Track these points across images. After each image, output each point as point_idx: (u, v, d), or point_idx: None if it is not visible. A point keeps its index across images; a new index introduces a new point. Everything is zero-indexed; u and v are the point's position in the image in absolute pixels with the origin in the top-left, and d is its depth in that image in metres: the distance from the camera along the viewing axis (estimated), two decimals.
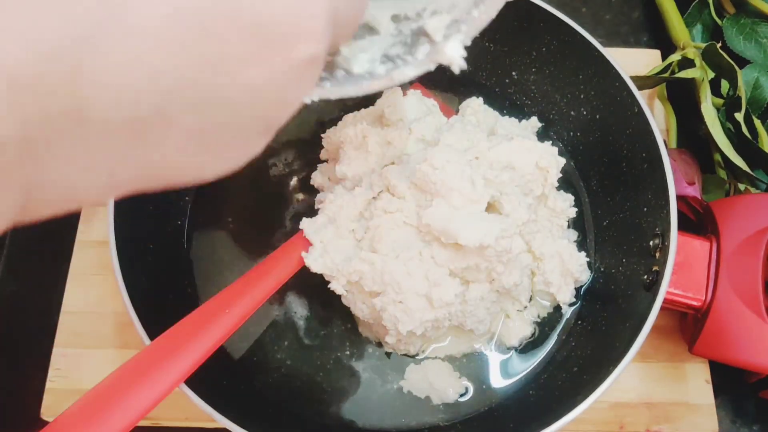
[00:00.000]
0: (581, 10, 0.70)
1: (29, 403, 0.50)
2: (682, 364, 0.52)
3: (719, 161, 0.57)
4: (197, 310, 0.41)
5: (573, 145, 0.56)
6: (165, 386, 0.37)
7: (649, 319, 0.42)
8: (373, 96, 0.58)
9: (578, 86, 0.54)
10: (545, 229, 0.50)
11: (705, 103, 0.55)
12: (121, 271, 0.42)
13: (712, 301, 0.45)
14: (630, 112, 0.49)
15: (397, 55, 0.30)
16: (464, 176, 0.42)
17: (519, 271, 0.45)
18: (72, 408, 0.35)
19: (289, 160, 0.56)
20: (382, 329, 0.45)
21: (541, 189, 0.48)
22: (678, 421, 0.50)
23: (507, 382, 0.49)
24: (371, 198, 0.46)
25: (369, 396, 0.48)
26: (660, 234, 0.45)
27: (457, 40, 0.28)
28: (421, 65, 0.29)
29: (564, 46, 0.53)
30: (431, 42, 0.29)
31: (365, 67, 0.30)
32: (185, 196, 0.54)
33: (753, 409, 0.53)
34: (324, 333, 0.50)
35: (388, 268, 0.42)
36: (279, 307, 0.51)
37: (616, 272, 0.50)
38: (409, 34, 0.31)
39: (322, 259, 0.44)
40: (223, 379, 0.47)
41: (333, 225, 0.46)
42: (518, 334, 0.50)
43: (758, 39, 0.61)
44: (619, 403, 0.51)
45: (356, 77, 0.30)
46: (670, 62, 0.59)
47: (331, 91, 0.29)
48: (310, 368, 0.49)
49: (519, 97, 0.59)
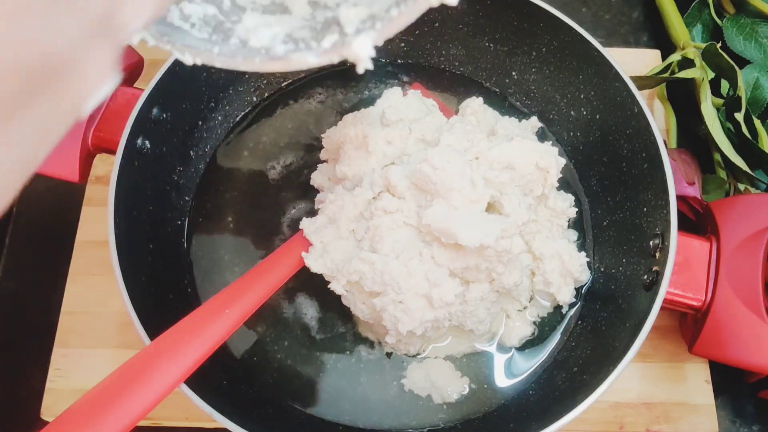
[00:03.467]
0: (581, 10, 0.70)
1: (29, 403, 0.50)
2: (682, 364, 0.52)
3: (719, 161, 0.57)
4: (197, 310, 0.41)
5: (573, 145, 0.56)
6: (165, 386, 0.37)
7: (649, 319, 0.42)
8: (373, 96, 0.58)
9: (578, 86, 0.54)
10: (545, 229, 0.50)
11: (705, 103, 0.55)
12: (121, 271, 0.42)
13: (712, 301, 0.45)
14: (630, 112, 0.49)
15: (302, 38, 0.28)
16: (464, 176, 0.42)
17: (519, 271, 0.45)
18: (72, 408, 0.35)
19: (288, 160, 0.56)
20: (382, 329, 0.45)
21: (541, 189, 0.48)
22: (678, 422, 0.50)
23: (507, 382, 0.49)
24: (371, 198, 0.46)
25: (369, 396, 0.48)
26: (660, 234, 0.45)
27: (368, 36, 0.26)
28: (324, 54, 0.27)
29: (564, 46, 0.53)
30: (341, 33, 0.27)
31: (263, 42, 0.28)
32: (185, 196, 0.54)
33: (753, 409, 0.53)
34: (324, 333, 0.50)
35: (388, 268, 0.42)
36: (279, 308, 0.51)
37: (616, 272, 0.50)
38: (322, 21, 0.28)
39: (322, 259, 0.44)
40: (223, 379, 0.47)
41: (333, 225, 0.46)
42: (518, 334, 0.50)
43: (758, 39, 0.61)
44: (619, 403, 0.51)
45: (250, 50, 0.28)
46: (670, 62, 0.59)
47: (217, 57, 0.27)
48: (310, 368, 0.49)
49: (519, 97, 0.59)
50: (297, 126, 0.58)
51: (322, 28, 0.28)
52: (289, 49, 0.27)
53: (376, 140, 0.47)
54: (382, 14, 0.26)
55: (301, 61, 0.27)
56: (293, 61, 0.27)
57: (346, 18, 0.27)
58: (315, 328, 0.50)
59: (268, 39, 0.28)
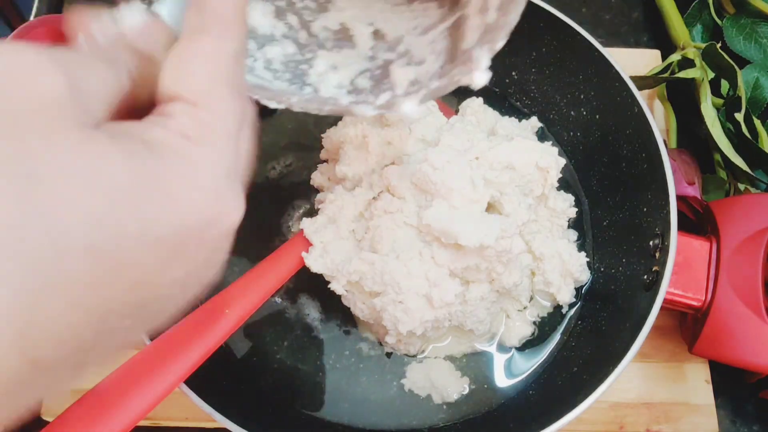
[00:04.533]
0: (581, 10, 0.70)
1: None
2: (682, 364, 0.52)
3: (719, 161, 0.57)
4: (197, 310, 0.41)
5: (573, 145, 0.56)
6: (165, 386, 0.37)
7: (649, 319, 0.42)
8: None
9: (578, 86, 0.54)
10: (545, 229, 0.50)
11: (705, 103, 0.55)
12: None
13: (712, 301, 0.45)
14: (630, 112, 0.49)
15: (363, 89, 0.33)
16: (464, 176, 0.42)
17: (519, 271, 0.45)
18: (72, 408, 0.35)
19: (288, 160, 0.56)
20: (382, 329, 0.45)
21: (541, 189, 0.48)
22: (678, 421, 0.50)
23: (507, 382, 0.49)
24: (371, 198, 0.46)
25: (369, 396, 0.48)
26: (660, 234, 0.45)
27: (414, 100, 0.32)
28: (379, 109, 0.32)
29: (564, 46, 0.53)
30: (393, 93, 0.32)
31: (331, 92, 0.33)
32: None
33: (753, 409, 0.53)
34: (324, 333, 0.50)
35: (388, 269, 0.42)
36: (279, 308, 0.51)
37: (616, 272, 0.50)
38: (379, 65, 0.34)
39: (322, 260, 0.44)
40: (223, 379, 0.47)
41: (333, 225, 0.46)
42: (518, 334, 0.50)
43: (758, 39, 0.61)
44: (619, 403, 0.51)
45: (321, 99, 0.33)
46: (670, 62, 0.59)
47: (295, 104, 0.32)
48: (310, 368, 0.49)
49: (519, 97, 0.59)
50: (297, 126, 0.58)
51: (379, 78, 0.33)
52: (352, 100, 0.33)
53: (376, 140, 0.47)
54: (426, 82, 0.32)
55: (361, 112, 0.32)
56: (355, 111, 0.32)
57: (398, 77, 0.33)
58: (315, 328, 0.50)
59: (334, 88, 0.33)
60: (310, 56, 0.35)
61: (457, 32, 0.33)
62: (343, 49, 0.35)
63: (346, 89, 0.33)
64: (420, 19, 0.35)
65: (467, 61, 0.32)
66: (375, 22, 0.36)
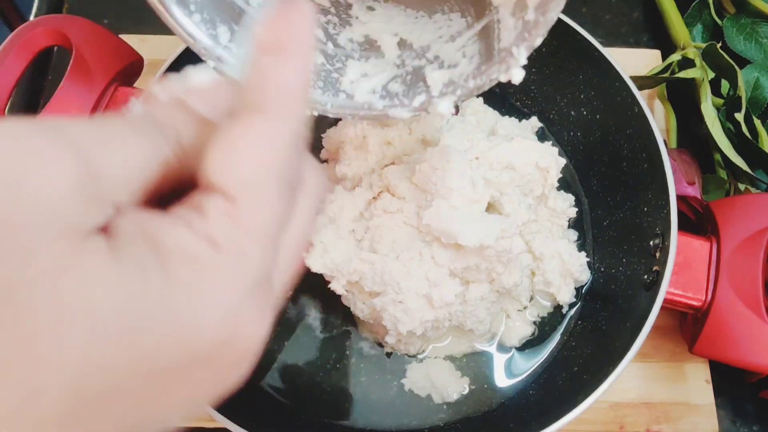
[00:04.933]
0: (581, 10, 0.70)
1: None
2: (682, 364, 0.52)
3: (719, 161, 0.57)
4: None
5: (573, 145, 0.56)
6: None
7: (649, 319, 0.42)
8: None
9: (578, 86, 0.54)
10: (545, 229, 0.50)
11: (705, 103, 0.55)
12: None
13: (712, 301, 0.45)
14: (630, 112, 0.49)
15: (396, 93, 0.33)
16: (464, 176, 0.42)
17: (519, 271, 0.45)
18: None
19: None
20: (382, 329, 0.45)
21: (541, 189, 0.48)
22: (678, 421, 0.50)
23: (507, 382, 0.49)
24: (371, 198, 0.46)
25: (369, 396, 0.48)
26: (660, 234, 0.45)
27: (450, 100, 0.32)
28: (415, 110, 0.32)
29: (564, 46, 0.53)
30: (428, 93, 0.32)
31: (365, 98, 0.33)
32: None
33: (753, 409, 0.53)
34: (324, 333, 0.50)
35: (388, 269, 0.42)
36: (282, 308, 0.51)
37: (616, 272, 0.50)
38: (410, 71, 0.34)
39: (322, 259, 0.44)
40: None
41: (333, 225, 0.46)
42: (518, 334, 0.50)
43: (758, 39, 0.61)
44: (619, 403, 0.51)
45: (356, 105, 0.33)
46: (670, 62, 0.59)
47: (330, 110, 0.32)
48: (311, 368, 0.49)
49: (519, 97, 0.59)
50: None
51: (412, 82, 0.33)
52: (387, 104, 0.33)
53: (375, 140, 0.47)
54: (461, 83, 0.32)
55: (396, 115, 0.32)
56: (390, 114, 0.32)
57: (433, 80, 0.32)
58: (315, 328, 0.50)
59: (368, 94, 0.33)
60: (339, 65, 0.34)
61: (488, 35, 0.33)
62: (371, 58, 0.35)
63: (380, 94, 0.33)
64: (444, 29, 0.35)
65: (505, 59, 0.32)
66: (399, 33, 0.36)
